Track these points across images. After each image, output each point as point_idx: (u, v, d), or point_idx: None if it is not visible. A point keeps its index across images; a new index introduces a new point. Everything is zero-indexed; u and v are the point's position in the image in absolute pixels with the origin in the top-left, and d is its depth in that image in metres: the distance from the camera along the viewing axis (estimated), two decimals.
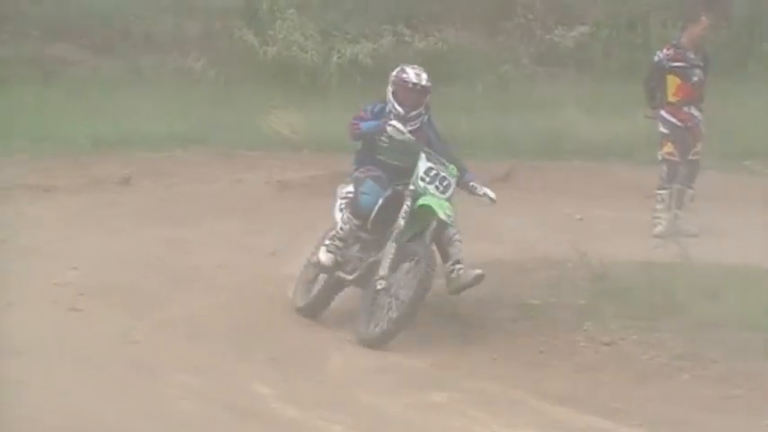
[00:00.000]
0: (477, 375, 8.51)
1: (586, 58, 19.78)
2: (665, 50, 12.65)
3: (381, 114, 9.58)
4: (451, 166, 9.39)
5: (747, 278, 9.87)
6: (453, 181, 9.34)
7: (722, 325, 9.02)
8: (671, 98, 12.48)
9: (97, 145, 15.49)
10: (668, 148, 12.47)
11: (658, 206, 12.54)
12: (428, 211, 9.18)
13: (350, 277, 9.36)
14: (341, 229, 9.48)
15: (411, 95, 9.57)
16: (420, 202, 9.15)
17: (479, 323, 9.45)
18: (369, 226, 9.31)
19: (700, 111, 12.58)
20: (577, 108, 17.13)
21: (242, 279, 10.45)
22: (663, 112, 12.47)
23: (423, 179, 9.23)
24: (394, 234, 9.11)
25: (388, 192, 9.30)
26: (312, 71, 19.00)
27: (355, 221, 9.38)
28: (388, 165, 9.53)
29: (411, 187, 9.21)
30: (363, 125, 9.57)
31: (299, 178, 14.49)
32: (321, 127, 16.77)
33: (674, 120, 12.46)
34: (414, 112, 9.57)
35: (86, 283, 9.95)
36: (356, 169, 9.70)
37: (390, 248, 9.07)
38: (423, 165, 9.26)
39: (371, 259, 9.24)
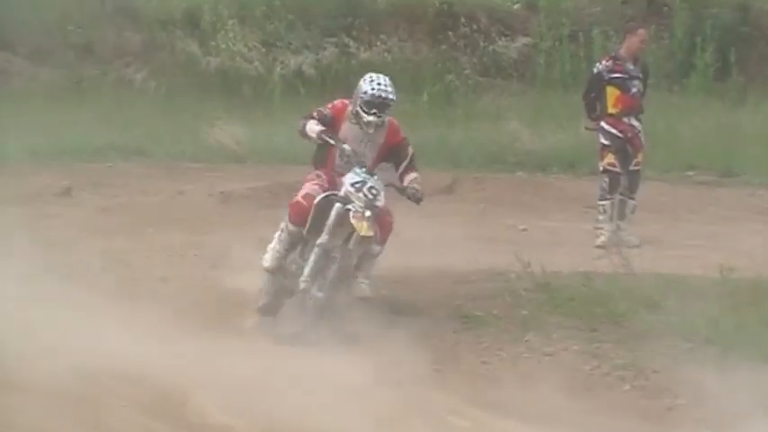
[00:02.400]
0: (419, 386, 8.48)
1: (529, 69, 19.87)
2: (603, 62, 12.70)
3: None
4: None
5: (688, 288, 9.91)
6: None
7: (663, 335, 9.06)
8: (611, 109, 12.52)
9: (36, 156, 15.33)
10: (609, 159, 12.51)
11: (600, 217, 12.57)
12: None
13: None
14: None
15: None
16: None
17: (422, 334, 9.41)
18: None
19: (639, 121, 12.63)
20: (520, 119, 17.19)
21: (183, 292, 10.36)
22: (603, 124, 12.52)
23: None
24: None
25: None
26: (255, 82, 18.98)
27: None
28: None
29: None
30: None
31: (242, 190, 14.42)
32: (265, 138, 16.72)
33: (614, 131, 12.50)
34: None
35: (25, 296, 9.81)
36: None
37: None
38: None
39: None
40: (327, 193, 9.50)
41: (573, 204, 13.96)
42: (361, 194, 9.42)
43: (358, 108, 9.67)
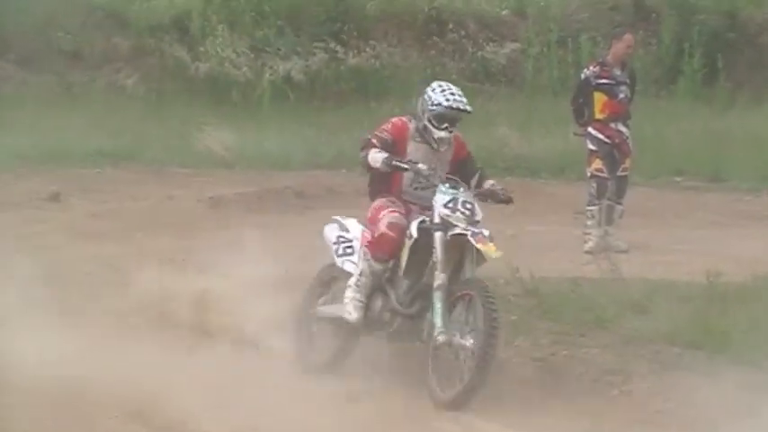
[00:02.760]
0: (405, 390, 8.49)
1: (518, 75, 19.93)
2: (591, 67, 12.74)
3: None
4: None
5: (676, 293, 9.94)
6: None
7: (652, 340, 9.08)
8: (598, 115, 12.55)
9: (25, 161, 15.34)
10: (597, 164, 12.54)
11: (589, 222, 12.61)
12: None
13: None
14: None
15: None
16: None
17: (409, 339, 9.42)
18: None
19: (627, 127, 12.67)
20: (509, 125, 17.23)
21: (171, 296, 10.35)
22: (591, 129, 12.55)
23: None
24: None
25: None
26: (244, 88, 19.01)
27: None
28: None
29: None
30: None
31: (231, 195, 14.43)
32: (253, 144, 16.74)
33: (601, 136, 12.54)
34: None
35: (12, 301, 9.80)
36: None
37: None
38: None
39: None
40: (420, 219, 8.40)
41: (561, 210, 13.99)
42: (458, 213, 8.30)
43: (426, 122, 8.55)
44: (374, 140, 8.54)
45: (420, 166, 8.46)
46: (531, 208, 14.40)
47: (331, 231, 9.02)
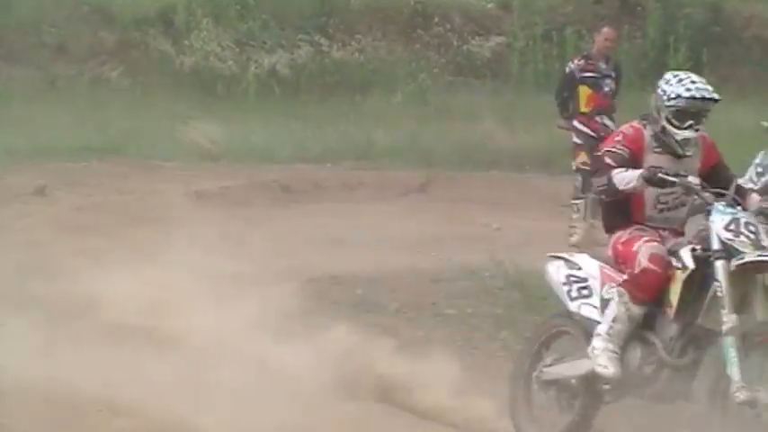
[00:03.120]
0: (392, 383, 8.50)
1: (503, 68, 19.95)
2: (576, 61, 12.77)
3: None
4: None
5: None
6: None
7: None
8: (583, 108, 12.59)
9: (11, 155, 15.31)
10: (582, 158, 12.57)
11: (574, 216, 12.63)
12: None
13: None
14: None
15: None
16: None
17: (394, 332, 9.45)
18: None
19: (612, 120, 12.70)
20: (494, 118, 17.26)
21: (156, 292, 10.34)
22: (575, 123, 12.59)
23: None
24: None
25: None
26: (229, 81, 19.00)
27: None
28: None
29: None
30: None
31: (217, 189, 14.42)
32: (239, 137, 16.74)
33: (586, 129, 12.57)
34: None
35: None
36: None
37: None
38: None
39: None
40: (690, 247, 6.91)
41: (547, 203, 14.02)
42: (743, 237, 6.72)
43: (664, 123, 7.05)
44: (608, 160, 7.05)
45: (690, 179, 6.95)
46: (516, 201, 14.46)
47: (557, 271, 7.58)
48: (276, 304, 9.39)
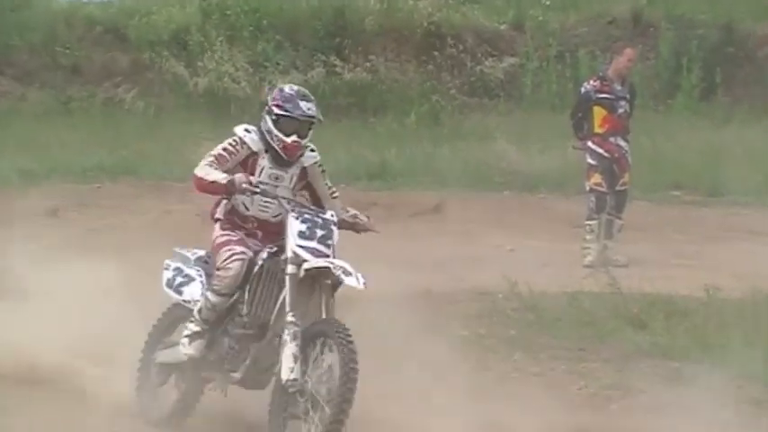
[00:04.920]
0: (406, 406, 8.47)
1: (516, 89, 19.93)
2: (591, 82, 12.76)
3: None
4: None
5: (675, 308, 9.94)
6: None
7: (650, 355, 9.08)
8: (597, 129, 12.58)
9: (24, 176, 15.34)
10: (596, 178, 12.56)
11: (588, 236, 12.61)
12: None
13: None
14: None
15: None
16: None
17: (409, 355, 9.41)
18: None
19: (626, 141, 12.69)
20: (507, 139, 17.24)
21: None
22: (590, 143, 12.57)
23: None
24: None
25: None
26: (243, 102, 19.00)
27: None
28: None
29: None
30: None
31: None
32: None
33: (600, 151, 12.55)
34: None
35: (7, 315, 9.78)
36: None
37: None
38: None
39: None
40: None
41: (560, 224, 13.99)
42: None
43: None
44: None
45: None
46: (529, 222, 14.43)
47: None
48: None
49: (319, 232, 7.42)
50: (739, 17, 20.83)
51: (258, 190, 7.55)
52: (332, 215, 7.58)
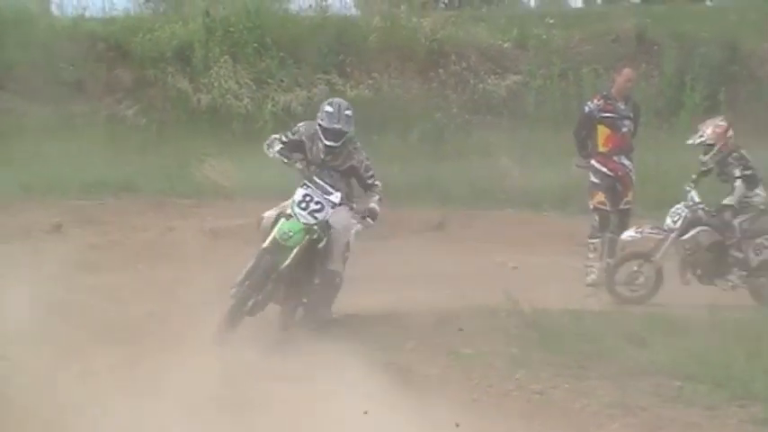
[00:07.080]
0: (409, 422, 8.45)
1: (519, 107, 19.92)
2: (594, 101, 12.76)
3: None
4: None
5: (677, 326, 9.92)
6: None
7: (652, 373, 9.06)
8: (601, 148, 12.57)
9: (27, 192, 15.35)
10: (599, 197, 12.55)
11: (591, 255, 12.59)
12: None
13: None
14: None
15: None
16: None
17: (411, 371, 9.41)
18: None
19: (630, 160, 12.68)
20: (510, 157, 17.23)
21: (171, 328, 10.33)
22: (593, 162, 12.56)
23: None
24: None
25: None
26: (246, 119, 19.00)
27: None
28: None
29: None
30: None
31: (232, 226, 14.41)
32: (254, 175, 16.70)
33: (604, 169, 12.55)
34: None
35: (12, 331, 9.79)
36: None
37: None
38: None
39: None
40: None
41: (563, 242, 13.98)
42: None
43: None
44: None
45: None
46: (532, 240, 14.42)
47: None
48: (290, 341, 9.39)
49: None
50: (743, 35, 20.84)
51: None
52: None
